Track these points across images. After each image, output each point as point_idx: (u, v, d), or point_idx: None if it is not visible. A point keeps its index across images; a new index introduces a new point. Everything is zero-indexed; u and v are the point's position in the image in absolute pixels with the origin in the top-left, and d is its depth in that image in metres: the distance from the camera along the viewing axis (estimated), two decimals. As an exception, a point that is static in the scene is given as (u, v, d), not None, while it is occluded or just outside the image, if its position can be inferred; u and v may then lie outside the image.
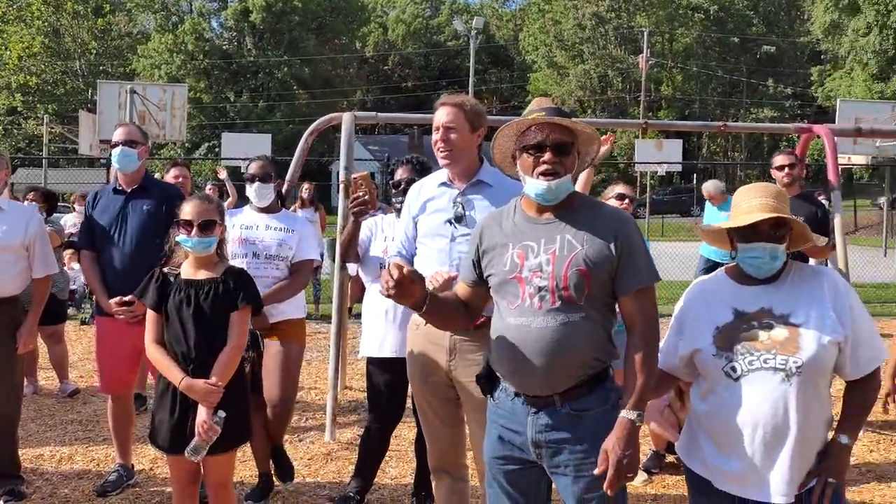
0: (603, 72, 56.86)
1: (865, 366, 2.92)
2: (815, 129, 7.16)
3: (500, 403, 3.05)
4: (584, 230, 2.90)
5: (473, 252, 3.10)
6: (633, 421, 2.79)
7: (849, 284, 3.01)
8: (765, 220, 2.87)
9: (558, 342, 2.84)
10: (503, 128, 3.02)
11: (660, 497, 5.27)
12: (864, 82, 42.02)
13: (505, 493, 3.07)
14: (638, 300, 2.90)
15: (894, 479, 5.65)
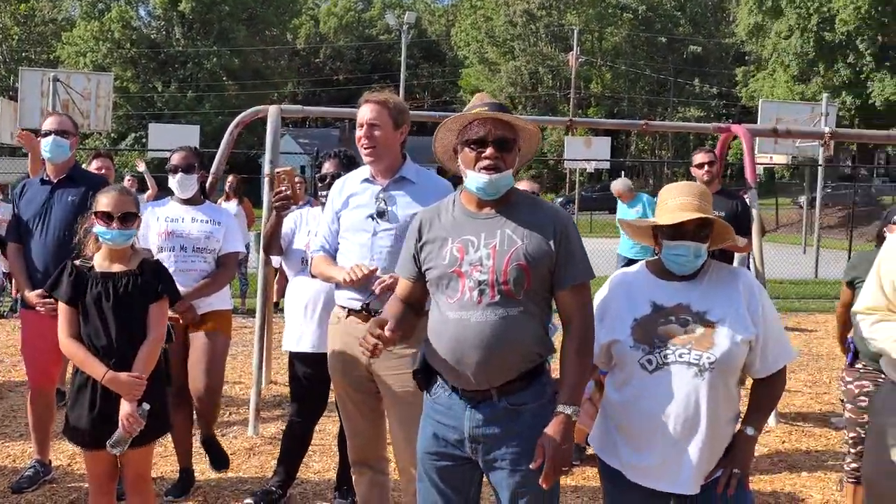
0: (534, 69, 57.31)
1: (773, 364, 3.02)
2: (734, 129, 7.35)
3: (437, 398, 3.06)
4: (524, 225, 2.93)
5: (413, 246, 3.10)
6: (570, 415, 2.83)
7: (762, 286, 3.11)
8: (691, 220, 2.94)
9: (497, 336, 2.86)
10: (445, 122, 3.04)
11: (579, 489, 5.36)
12: (785, 83, 42.99)
13: (436, 488, 3.08)
14: (575, 295, 2.94)
15: (804, 468, 5.84)
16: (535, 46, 57.59)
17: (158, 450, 5.77)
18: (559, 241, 2.92)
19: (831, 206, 33.88)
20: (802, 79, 42.91)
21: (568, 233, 2.95)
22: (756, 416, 3.06)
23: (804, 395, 7.83)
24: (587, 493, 5.26)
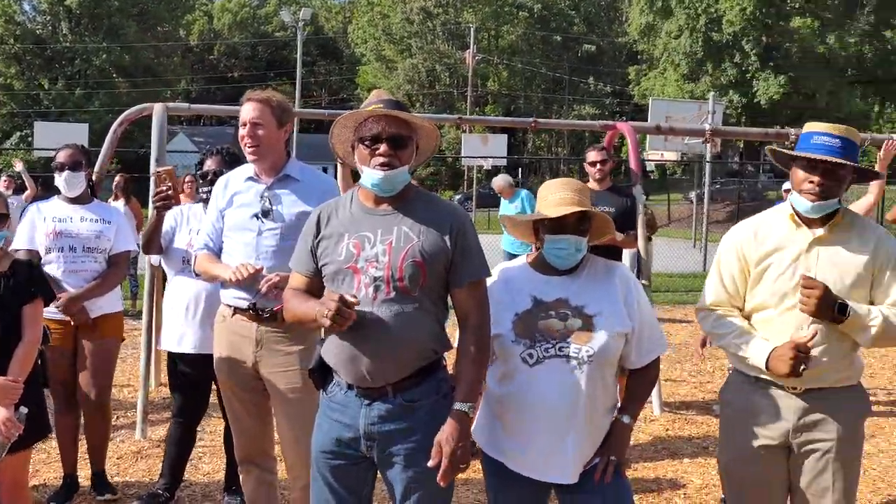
0: (431, 66, 57.50)
1: (647, 356, 3.13)
2: (619, 127, 7.53)
3: (333, 396, 3.04)
4: (421, 222, 2.94)
5: (310, 241, 3.08)
6: (466, 413, 2.85)
7: (638, 282, 3.22)
8: (572, 214, 3.00)
9: (392, 333, 2.86)
10: (340, 118, 3.04)
11: (470, 481, 5.42)
12: (676, 82, 44.15)
13: (329, 487, 3.06)
14: (470, 293, 2.95)
15: (686, 454, 6.04)
16: (432, 44, 57.81)
17: (41, 456, 5.63)
18: (455, 238, 2.93)
19: (719, 201, 34.96)
20: (692, 78, 44.12)
21: (464, 230, 2.97)
22: (631, 405, 3.16)
23: (688, 385, 8.08)
24: (476, 485, 5.33)
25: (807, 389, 3.16)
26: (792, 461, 3.24)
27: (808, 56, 42.11)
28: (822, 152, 3.09)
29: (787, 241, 3.20)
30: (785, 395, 3.19)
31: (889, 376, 8.87)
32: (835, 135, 3.12)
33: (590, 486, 3.03)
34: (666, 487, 5.40)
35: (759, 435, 3.24)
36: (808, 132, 3.18)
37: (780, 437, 3.21)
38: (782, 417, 3.20)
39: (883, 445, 6.37)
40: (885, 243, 3.16)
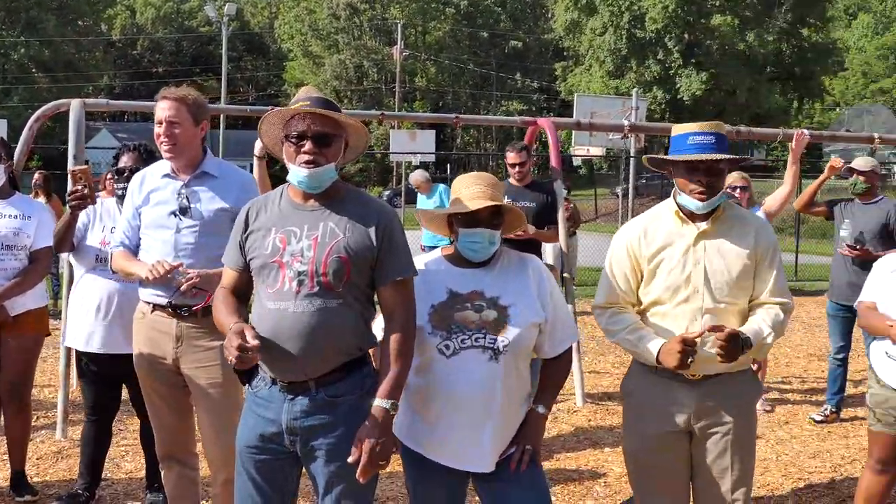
0: (359, 62, 57.26)
1: (560, 345, 3.22)
2: (540, 123, 7.64)
3: (258, 391, 3.06)
4: (348, 219, 2.96)
5: (239, 236, 3.09)
6: (388, 409, 2.87)
7: (551, 274, 3.30)
8: (485, 208, 3.06)
9: (315, 327, 2.88)
10: (267, 115, 3.06)
11: (394, 474, 5.46)
12: (601, 78, 44.81)
13: (253, 482, 3.07)
14: (396, 291, 2.98)
15: (607, 443, 6.17)
16: (359, 40, 57.58)
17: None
18: (382, 236, 2.96)
19: (645, 195, 35.50)
20: (617, 74, 44.79)
21: (391, 228, 2.99)
22: (545, 395, 3.25)
23: (611, 376, 8.23)
24: (400, 478, 5.37)
25: (704, 376, 3.29)
26: (693, 445, 3.36)
27: (729, 53, 43.07)
28: (699, 151, 3.22)
29: (674, 237, 3.33)
30: (683, 383, 3.31)
31: (803, 365, 9.15)
32: (708, 132, 3.25)
33: (506, 474, 3.10)
34: (587, 477, 5.52)
35: (660, 422, 3.35)
36: (681, 134, 3.29)
37: (681, 424, 3.33)
38: (682, 404, 3.31)
39: (795, 432, 6.59)
40: (764, 234, 3.32)
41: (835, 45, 50.82)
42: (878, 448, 4.24)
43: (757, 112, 43.18)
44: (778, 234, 25.43)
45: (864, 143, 9.52)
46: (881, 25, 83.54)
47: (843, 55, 56.87)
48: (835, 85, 64.61)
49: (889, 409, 4.10)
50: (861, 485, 4.37)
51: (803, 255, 18.33)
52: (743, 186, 6.65)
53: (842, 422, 6.81)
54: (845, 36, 72.30)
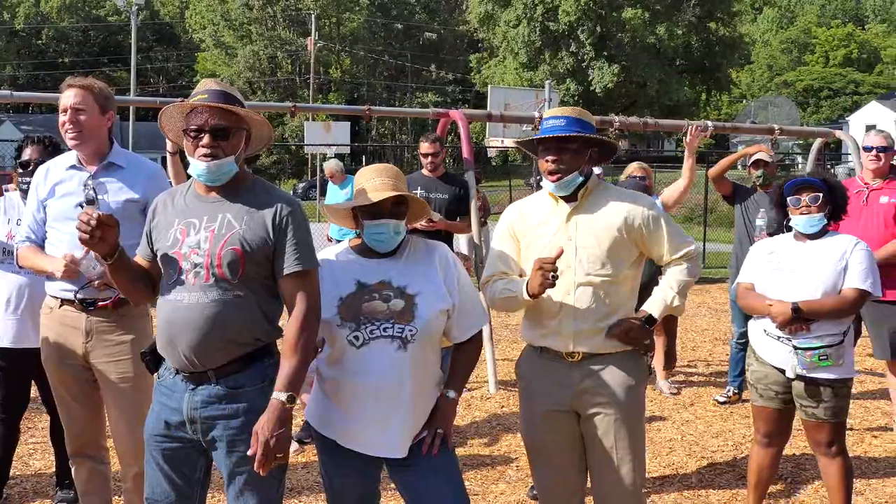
0: (272, 53, 56.68)
1: (469, 330, 3.29)
2: (451, 115, 7.72)
3: (163, 381, 3.08)
4: (246, 210, 2.97)
5: (146, 227, 3.11)
6: (284, 402, 2.86)
7: (458, 259, 3.37)
8: (388, 199, 3.10)
9: (209, 319, 2.89)
10: (165, 110, 3.06)
11: (310, 464, 5.51)
12: (515, 70, 45.15)
13: (161, 470, 3.08)
14: (295, 283, 2.97)
15: (519, 429, 6.25)
16: (272, 31, 56.97)
17: None
18: (279, 227, 2.96)
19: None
20: (531, 66, 45.19)
21: (291, 221, 2.99)
22: (455, 380, 3.31)
23: (524, 363, 8.38)
24: (315, 468, 5.40)
25: (585, 357, 3.41)
26: (581, 425, 3.48)
27: (640, 46, 43.84)
28: (549, 133, 3.38)
29: (549, 216, 3.48)
30: (566, 364, 3.44)
31: (709, 349, 9.44)
32: (561, 115, 3.40)
33: (418, 459, 3.16)
34: (499, 461, 5.63)
35: (547, 402, 3.48)
36: (543, 119, 3.48)
37: (565, 403, 3.45)
38: (564, 385, 3.43)
39: (700, 413, 6.82)
40: (636, 206, 3.44)
41: (741, 38, 52.12)
42: (762, 423, 4.45)
43: (667, 104, 44.06)
44: (686, 222, 26.12)
45: (765, 134, 9.83)
46: (785, 20, 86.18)
47: (749, 49, 58.45)
48: (741, 77, 66.47)
49: (769, 384, 4.32)
50: (751, 459, 4.58)
51: (710, 244, 18.82)
52: (641, 177, 6.84)
53: (743, 402, 7.04)
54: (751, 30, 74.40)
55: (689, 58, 47.44)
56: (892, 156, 6.05)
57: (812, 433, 4.31)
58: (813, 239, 4.25)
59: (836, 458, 4.29)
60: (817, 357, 4.10)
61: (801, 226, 4.24)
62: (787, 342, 4.15)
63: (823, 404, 4.18)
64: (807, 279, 4.15)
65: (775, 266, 4.27)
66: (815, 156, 10.34)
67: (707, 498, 5.04)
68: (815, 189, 4.23)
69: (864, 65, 72.59)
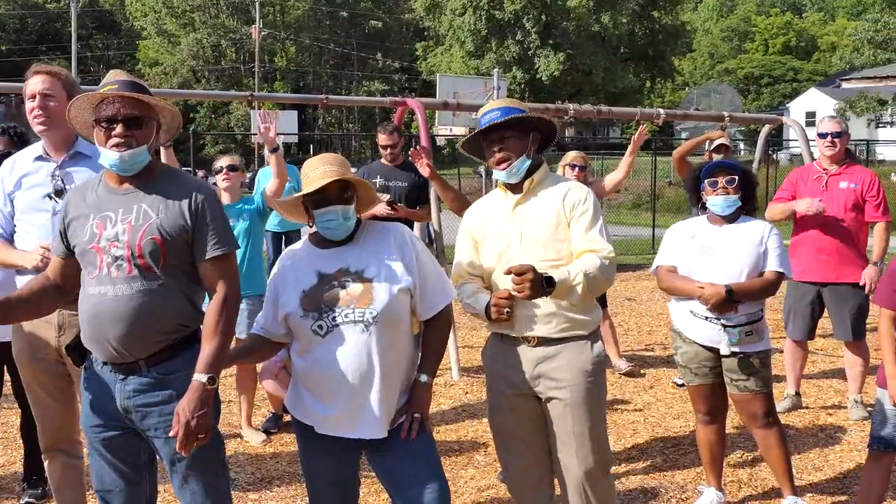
0: (216, 41, 55.98)
1: (434, 306, 3.32)
2: (409, 103, 7.74)
3: (91, 372, 3.11)
4: (161, 199, 3.00)
5: (60, 225, 3.11)
6: (205, 383, 2.91)
7: (416, 236, 3.40)
8: (333, 185, 3.14)
9: (135, 310, 2.93)
10: (74, 101, 3.06)
11: (278, 454, 5.52)
12: (462, 59, 45.25)
13: (105, 459, 3.13)
14: (215, 267, 3.03)
15: (484, 415, 6.33)
16: (216, 18, 56.25)
17: None
18: (196, 213, 3.01)
19: (507, 174, 36.07)
20: (477, 54, 45.30)
21: (206, 206, 3.03)
22: (427, 362, 3.33)
23: (484, 350, 8.46)
24: (285, 457, 5.42)
25: (541, 341, 3.50)
26: (543, 408, 3.57)
27: (585, 35, 44.15)
28: (489, 123, 3.50)
29: (498, 209, 3.62)
30: (523, 349, 3.53)
31: (665, 332, 9.58)
32: (494, 108, 3.53)
33: (396, 443, 3.20)
34: (467, 448, 5.68)
35: (509, 387, 3.58)
36: (480, 118, 3.57)
37: (524, 387, 3.54)
38: (523, 369, 3.53)
39: (660, 395, 6.94)
40: (573, 191, 3.54)
41: (683, 27, 52.78)
42: (701, 401, 4.59)
43: (612, 91, 44.50)
44: (634, 209, 26.38)
45: (714, 121, 10.00)
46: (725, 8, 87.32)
47: (691, 37, 59.18)
48: (684, 65, 67.29)
49: (701, 362, 4.47)
50: (699, 439, 4.71)
51: (659, 229, 19.05)
52: (581, 166, 6.95)
53: (701, 385, 7.20)
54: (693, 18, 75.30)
55: (633, 46, 47.94)
56: (846, 140, 6.21)
57: (746, 407, 4.46)
58: (729, 222, 4.44)
59: (773, 427, 4.47)
60: (743, 333, 4.31)
61: (718, 207, 4.41)
62: (716, 321, 4.30)
63: (754, 375, 4.38)
64: (731, 261, 4.34)
65: (699, 249, 4.41)
66: (763, 141, 10.55)
67: (673, 477, 5.14)
68: (731, 172, 4.43)
69: (802, 53, 73.97)
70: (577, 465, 3.49)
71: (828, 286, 6.14)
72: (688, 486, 5.03)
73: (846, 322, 6.12)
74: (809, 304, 6.23)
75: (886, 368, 4.10)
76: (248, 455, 5.53)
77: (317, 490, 3.35)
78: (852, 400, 6.35)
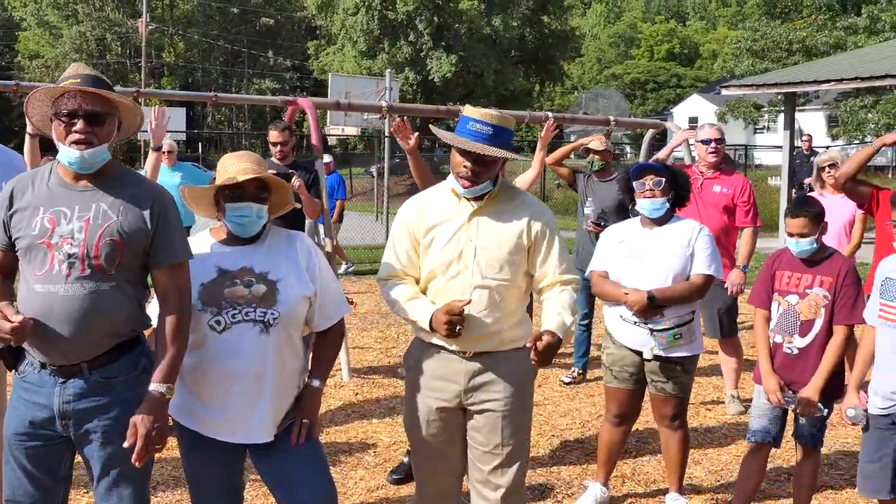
0: (101, 34, 54.27)
1: (330, 318, 3.34)
2: (300, 102, 7.68)
3: (26, 376, 2.97)
4: (121, 201, 2.92)
5: (3, 213, 2.95)
6: (163, 394, 2.89)
7: (318, 248, 3.40)
8: (252, 181, 3.13)
9: (87, 311, 2.84)
10: (34, 93, 2.95)
11: (163, 459, 5.38)
12: (354, 58, 44.99)
13: (23, 470, 3.00)
14: (170, 274, 2.98)
15: (375, 415, 6.39)
16: (101, 11, 54.57)
17: None
18: (157, 219, 2.95)
19: (400, 174, 36.16)
20: (369, 54, 45.11)
21: (166, 211, 2.98)
22: (319, 368, 3.35)
23: (374, 351, 8.46)
24: (170, 462, 5.31)
25: (476, 353, 3.44)
26: (467, 420, 3.52)
27: (476, 37, 44.51)
28: (474, 139, 3.28)
29: (450, 214, 3.44)
30: (457, 359, 3.45)
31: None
32: (487, 122, 3.29)
33: (284, 446, 3.20)
34: (357, 448, 5.68)
35: (435, 397, 3.50)
36: (465, 117, 3.35)
37: (454, 399, 3.47)
38: (454, 380, 3.46)
39: (548, 393, 7.07)
40: (539, 214, 3.46)
41: (573, 32, 53.70)
42: (614, 403, 4.70)
43: (503, 94, 44.92)
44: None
45: (601, 125, 10.24)
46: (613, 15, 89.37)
47: (580, 42, 60.23)
48: (573, 70, 68.47)
49: (624, 366, 4.57)
50: (602, 437, 4.82)
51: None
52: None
53: (587, 382, 7.38)
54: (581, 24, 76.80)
55: (523, 49, 48.50)
56: (724, 147, 6.47)
57: (659, 407, 4.58)
58: (659, 225, 4.49)
59: (679, 430, 4.59)
60: (672, 337, 4.38)
61: (645, 209, 4.48)
62: (644, 325, 4.38)
63: (674, 380, 4.47)
64: (657, 265, 4.40)
65: (627, 254, 4.48)
66: (647, 146, 10.84)
67: (559, 474, 5.26)
68: (657, 174, 4.46)
69: (685, 59, 76.34)
70: (498, 480, 3.45)
71: None
72: (574, 481, 5.15)
73: (716, 321, 6.39)
74: None
75: (761, 365, 4.30)
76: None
77: (202, 496, 3.31)
78: (729, 395, 6.60)
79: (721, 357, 6.68)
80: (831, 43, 32.69)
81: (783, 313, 4.27)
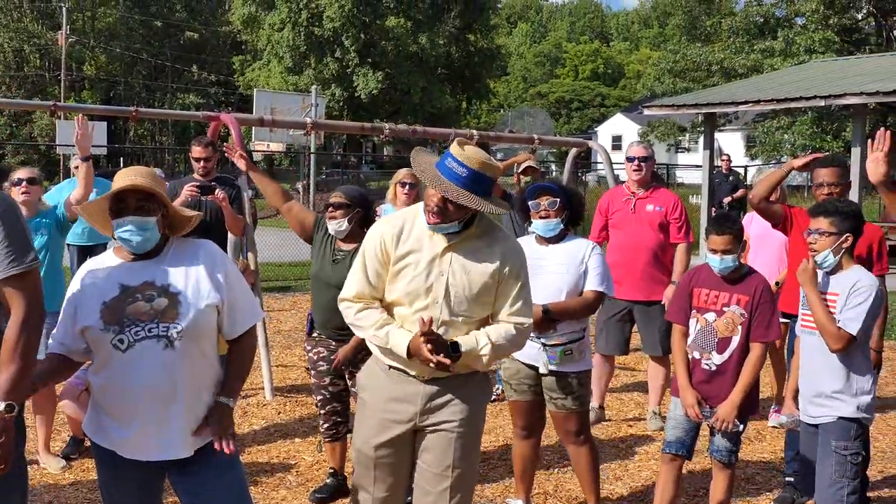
0: (18, 46, 53.03)
1: (240, 325, 3.25)
2: (223, 118, 7.59)
3: None
4: None
5: None
6: (3, 411, 2.78)
7: (226, 255, 3.33)
8: (130, 194, 3.05)
9: None
10: None
11: (78, 482, 5.26)
12: (280, 74, 44.82)
13: None
14: (13, 285, 2.85)
15: (298, 434, 6.30)
16: (19, 22, 53.31)
17: None
18: None
19: (325, 190, 36.00)
20: (296, 70, 44.98)
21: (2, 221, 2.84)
22: (230, 383, 3.23)
23: (298, 369, 8.34)
24: (86, 485, 5.17)
25: (433, 377, 3.43)
26: (418, 441, 3.50)
27: (403, 54, 44.69)
28: (448, 177, 3.25)
29: (424, 244, 3.40)
30: (414, 382, 3.44)
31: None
32: (467, 166, 3.24)
33: (201, 468, 3.14)
34: (279, 468, 5.59)
35: (388, 418, 3.47)
36: (448, 153, 3.29)
37: (408, 420, 3.46)
38: (411, 402, 3.45)
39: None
40: (512, 256, 3.44)
41: (499, 50, 54.28)
42: (518, 416, 4.75)
43: (430, 111, 45.18)
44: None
45: (525, 144, 10.33)
46: (538, 34, 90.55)
47: (506, 60, 60.96)
48: (499, 88, 69.23)
49: (521, 379, 4.64)
50: (514, 452, 4.86)
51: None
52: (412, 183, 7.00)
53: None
54: (507, 42, 77.69)
55: (450, 67, 48.88)
56: (652, 165, 6.58)
57: (562, 424, 4.64)
58: (553, 243, 4.58)
59: (585, 444, 4.67)
60: (562, 353, 4.46)
61: (540, 229, 4.57)
62: (536, 339, 4.44)
63: (572, 395, 4.55)
64: (551, 281, 4.49)
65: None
66: (570, 164, 10.95)
67: (482, 491, 5.25)
68: (553, 195, 4.53)
69: (609, 79, 77.80)
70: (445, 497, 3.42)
71: (638, 304, 6.46)
72: (497, 499, 5.15)
73: (654, 338, 6.47)
74: (620, 320, 6.54)
75: (679, 380, 4.38)
76: (45, 483, 5.25)
77: (118, 517, 3.23)
78: (651, 412, 6.69)
79: (650, 372, 6.76)
80: (749, 65, 33.65)
81: (701, 330, 4.35)
